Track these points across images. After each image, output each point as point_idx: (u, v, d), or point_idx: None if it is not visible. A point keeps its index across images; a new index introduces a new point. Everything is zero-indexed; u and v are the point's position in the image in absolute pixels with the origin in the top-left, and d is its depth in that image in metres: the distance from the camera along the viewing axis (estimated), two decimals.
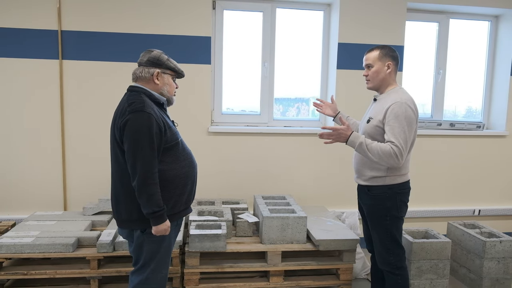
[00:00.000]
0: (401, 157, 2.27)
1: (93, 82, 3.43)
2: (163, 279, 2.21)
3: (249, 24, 3.81)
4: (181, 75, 2.32)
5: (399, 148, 2.26)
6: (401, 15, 3.76)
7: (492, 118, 4.19)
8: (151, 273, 2.15)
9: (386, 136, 2.32)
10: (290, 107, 4.10)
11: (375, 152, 2.30)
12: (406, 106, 2.30)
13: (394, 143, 2.27)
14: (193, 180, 2.26)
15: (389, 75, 2.45)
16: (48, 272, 2.73)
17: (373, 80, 2.47)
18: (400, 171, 2.40)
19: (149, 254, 2.13)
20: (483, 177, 4.08)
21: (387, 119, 2.31)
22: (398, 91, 2.40)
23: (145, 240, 2.11)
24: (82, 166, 3.49)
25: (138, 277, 2.16)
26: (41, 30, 3.32)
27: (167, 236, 2.15)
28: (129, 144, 2.01)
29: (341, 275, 3.00)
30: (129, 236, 2.17)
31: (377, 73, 2.44)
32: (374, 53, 2.45)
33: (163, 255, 2.17)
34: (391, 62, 2.43)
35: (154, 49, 2.26)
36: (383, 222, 2.43)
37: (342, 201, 3.77)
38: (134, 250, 2.16)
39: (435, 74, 4.09)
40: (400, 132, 2.27)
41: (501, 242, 3.16)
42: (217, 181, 3.68)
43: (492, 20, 4.11)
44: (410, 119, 2.29)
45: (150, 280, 2.15)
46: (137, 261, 2.17)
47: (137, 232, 2.11)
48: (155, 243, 2.13)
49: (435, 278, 3.09)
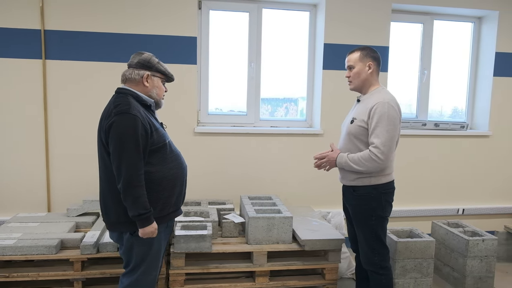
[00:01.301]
0: (382, 155, 2.30)
1: (77, 82, 3.39)
2: (153, 281, 2.21)
3: (235, 25, 3.80)
4: (171, 79, 2.33)
5: (379, 148, 2.30)
6: (386, 16, 3.79)
7: (475, 118, 4.25)
8: (141, 275, 2.14)
9: (369, 137, 2.35)
10: (279, 107, 4.10)
11: (358, 162, 2.36)
12: (389, 106, 2.33)
13: (373, 144, 2.31)
14: (182, 182, 2.26)
15: (370, 75, 2.48)
16: (30, 275, 2.70)
17: (355, 81, 2.51)
18: (385, 171, 2.42)
19: (140, 256, 2.13)
20: (467, 177, 4.13)
21: (370, 119, 2.35)
22: (381, 91, 2.43)
23: (135, 243, 2.10)
24: (66, 167, 3.45)
25: (128, 279, 2.15)
26: (24, 30, 3.27)
27: (157, 238, 2.14)
28: (114, 146, 2.00)
29: (327, 275, 3.02)
30: (119, 239, 2.16)
31: (358, 74, 2.48)
32: (355, 55, 2.48)
33: (153, 257, 2.17)
34: (372, 62, 2.46)
35: (144, 51, 2.25)
36: (369, 222, 2.45)
37: (329, 201, 3.79)
38: (124, 252, 2.15)
39: (419, 75, 4.12)
40: (382, 132, 2.30)
41: (484, 241, 3.20)
42: (203, 181, 3.66)
43: (476, 22, 4.17)
44: (393, 118, 2.33)
45: (140, 282, 2.14)
46: (128, 264, 2.16)
47: (127, 234, 2.11)
48: (145, 245, 2.12)
49: (419, 277, 3.12)
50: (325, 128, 3.76)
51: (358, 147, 2.45)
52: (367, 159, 2.33)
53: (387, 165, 2.37)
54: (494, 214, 4.16)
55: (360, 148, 2.43)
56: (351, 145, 2.48)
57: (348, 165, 2.42)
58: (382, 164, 2.32)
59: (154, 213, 2.08)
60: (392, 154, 2.36)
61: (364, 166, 2.35)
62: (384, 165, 2.34)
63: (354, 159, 2.39)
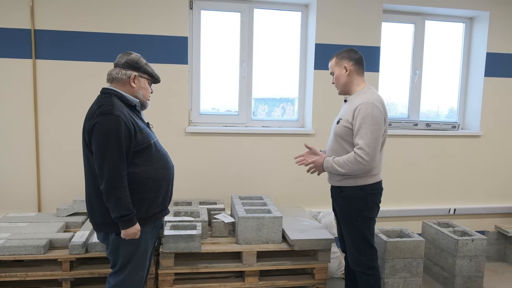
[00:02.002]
0: (367, 156, 2.29)
1: (68, 82, 3.39)
2: (140, 281, 2.20)
3: (226, 25, 3.80)
4: (157, 81, 2.33)
5: (363, 149, 2.29)
6: (377, 16, 3.80)
7: (467, 118, 4.26)
8: (128, 275, 2.14)
9: (354, 138, 2.35)
10: (276, 107, 4.10)
11: (343, 165, 2.36)
12: (373, 106, 2.32)
13: (358, 145, 2.31)
14: (168, 182, 2.25)
15: (350, 76, 2.48)
16: (18, 275, 2.69)
17: (338, 85, 2.54)
18: (371, 172, 2.42)
19: (126, 256, 2.13)
20: (458, 177, 4.14)
21: (355, 120, 2.35)
22: (367, 92, 2.43)
23: (121, 243, 2.10)
24: (57, 167, 3.45)
25: (115, 279, 2.15)
26: (14, 29, 3.27)
27: (144, 238, 2.14)
28: (96, 147, 2.00)
29: (316, 275, 3.02)
30: (105, 239, 2.16)
31: (338, 79, 2.51)
32: (332, 61, 2.53)
33: (140, 257, 2.17)
34: (347, 63, 2.46)
35: (132, 52, 2.25)
36: (355, 222, 2.45)
37: (320, 201, 3.79)
38: (111, 253, 2.15)
39: (411, 75, 4.13)
40: (366, 133, 2.30)
41: (473, 241, 3.21)
42: (194, 181, 3.66)
43: (467, 22, 4.18)
44: (377, 118, 2.32)
45: (126, 282, 2.14)
46: (114, 264, 2.16)
47: (113, 235, 2.11)
48: (132, 246, 2.12)
49: (409, 277, 3.13)
50: (317, 128, 3.77)
51: (344, 147, 2.44)
52: (352, 161, 2.32)
53: (373, 166, 2.36)
54: (485, 214, 4.18)
55: (346, 148, 2.43)
56: (337, 146, 2.48)
57: (334, 169, 2.41)
58: (367, 165, 2.32)
59: (140, 213, 2.07)
60: (377, 154, 2.34)
61: (350, 169, 2.35)
62: (370, 166, 2.33)
63: (340, 162, 2.38)
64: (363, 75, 2.52)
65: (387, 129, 2.48)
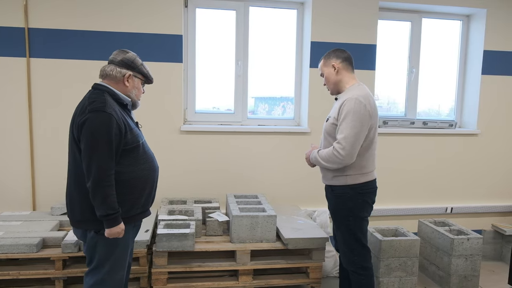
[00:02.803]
0: (343, 151, 2.28)
1: (62, 80, 3.38)
2: (120, 281, 2.18)
3: (222, 23, 3.78)
4: (150, 82, 2.32)
5: (340, 143, 2.29)
6: (373, 14, 3.78)
7: (464, 116, 4.24)
8: (107, 274, 2.11)
9: (336, 132, 2.37)
10: (276, 106, 4.09)
11: (324, 157, 2.39)
12: (357, 101, 2.31)
13: (336, 139, 2.33)
14: (152, 184, 2.23)
15: (338, 75, 2.48)
16: (11, 273, 2.69)
17: (329, 85, 2.55)
18: (361, 170, 2.40)
19: (103, 255, 2.10)
20: (456, 175, 4.12)
21: (339, 116, 2.36)
22: (355, 88, 2.43)
23: (99, 241, 2.08)
24: (51, 165, 3.43)
25: (93, 278, 2.12)
26: (7, 28, 3.26)
27: (123, 238, 2.11)
28: (85, 144, 1.98)
29: (311, 274, 3.01)
30: (83, 236, 2.14)
31: (328, 78, 2.52)
32: (321, 62, 2.55)
33: (119, 256, 2.14)
34: (335, 62, 2.47)
35: (129, 50, 2.23)
36: (346, 222, 2.44)
37: (316, 200, 3.76)
38: (87, 250, 2.13)
39: (408, 73, 4.11)
40: (346, 128, 2.30)
41: (469, 240, 3.20)
42: (190, 180, 3.65)
43: (464, 20, 4.16)
44: (359, 114, 2.30)
45: (106, 281, 2.12)
46: (90, 262, 2.14)
47: (91, 232, 2.08)
48: (110, 245, 2.09)
49: (404, 276, 3.11)
50: (313, 126, 3.75)
51: (331, 144, 2.44)
52: (330, 154, 2.35)
53: (350, 161, 2.32)
54: (482, 213, 4.15)
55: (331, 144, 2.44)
56: (327, 143, 2.50)
57: (317, 160, 2.46)
58: (343, 160, 2.30)
59: (121, 213, 2.05)
60: (355, 150, 2.30)
61: (329, 162, 2.37)
62: (346, 161, 2.31)
63: (322, 155, 2.42)
64: (352, 72, 2.52)
65: (377, 126, 2.45)
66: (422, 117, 4.21)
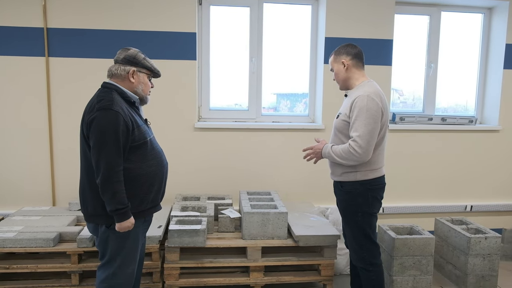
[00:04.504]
0: (360, 149, 2.27)
1: (80, 78, 3.45)
2: (131, 275, 2.22)
3: (236, 20, 3.79)
4: (157, 75, 2.34)
5: (356, 141, 2.28)
6: (389, 9, 3.70)
7: (485, 112, 4.12)
8: (118, 268, 2.17)
9: (349, 130, 2.35)
10: (298, 102, 4.07)
11: (339, 154, 2.37)
12: (369, 98, 2.30)
13: (352, 137, 2.31)
14: (161, 180, 2.27)
15: (349, 71, 2.47)
16: (29, 267, 2.78)
17: (338, 81, 2.55)
18: (371, 166, 2.38)
19: (115, 249, 2.15)
20: (476, 173, 4.01)
21: (351, 113, 2.34)
22: (365, 85, 2.41)
23: (110, 236, 2.13)
24: (70, 161, 3.52)
25: (105, 272, 2.18)
26: (27, 28, 3.35)
27: (133, 232, 2.16)
28: (94, 141, 2.03)
29: (322, 271, 3.00)
30: (95, 231, 2.20)
31: (337, 74, 2.52)
32: (331, 58, 2.55)
33: (129, 250, 2.19)
34: (345, 58, 2.46)
35: (131, 47, 2.27)
36: (355, 218, 2.43)
37: (329, 197, 3.68)
38: (99, 244, 2.18)
39: (426, 68, 4.02)
40: (361, 125, 2.28)
41: (486, 239, 3.11)
42: (204, 177, 3.68)
43: (485, 13, 4.03)
44: (372, 111, 2.29)
45: (117, 275, 2.17)
46: (103, 256, 2.19)
47: (102, 227, 2.14)
48: (121, 239, 2.14)
49: (419, 275, 3.06)
50: (327, 123, 3.72)
51: (342, 141, 2.45)
52: (346, 151, 2.33)
53: (366, 158, 2.32)
54: (504, 211, 4.04)
55: (344, 142, 2.43)
56: (337, 140, 2.49)
57: (330, 156, 2.43)
58: (360, 157, 2.30)
59: (131, 208, 2.10)
60: (371, 147, 2.31)
61: (344, 159, 2.35)
62: (363, 158, 2.30)
63: (336, 151, 2.40)
64: (363, 69, 2.50)
65: (388, 123, 2.44)
66: (449, 113, 4.12)
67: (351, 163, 2.35)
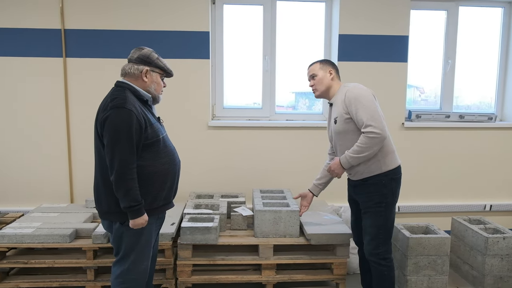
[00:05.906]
0: (377, 129, 2.34)
1: (97, 78, 3.52)
2: (144, 271, 2.27)
3: (249, 18, 3.79)
4: (169, 75, 2.37)
5: (370, 125, 2.35)
6: (405, 4, 3.65)
7: (505, 109, 4.01)
8: (132, 264, 2.21)
9: (357, 123, 2.41)
10: (317, 101, 4.05)
11: (359, 149, 2.41)
12: (356, 88, 2.47)
13: (363, 124, 2.37)
14: (173, 177, 2.30)
15: (332, 80, 2.61)
16: (47, 262, 2.86)
17: (319, 87, 2.62)
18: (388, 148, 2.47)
19: (129, 245, 2.19)
20: (495, 171, 3.91)
21: (349, 109, 2.42)
22: (345, 86, 2.55)
23: (124, 232, 2.17)
24: (87, 160, 3.59)
25: (120, 268, 2.23)
26: (45, 30, 3.44)
27: (147, 229, 2.20)
28: (108, 139, 2.07)
29: (335, 270, 2.98)
30: (109, 227, 2.25)
31: (321, 80, 2.60)
32: (316, 65, 2.65)
33: (143, 247, 2.23)
34: (332, 69, 2.61)
35: (145, 47, 2.31)
36: (378, 209, 2.49)
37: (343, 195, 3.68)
38: (114, 241, 2.23)
39: (443, 64, 3.94)
40: (364, 110, 2.37)
41: (505, 239, 3.03)
42: (218, 175, 3.71)
43: (506, 7, 3.92)
44: (365, 95, 2.43)
45: (131, 271, 2.21)
46: (117, 252, 2.24)
47: (117, 224, 2.18)
48: (135, 236, 2.18)
49: (434, 275, 3.01)
50: None
51: (352, 140, 2.47)
52: (366, 141, 2.37)
53: (386, 135, 2.38)
54: None
55: (354, 139, 2.46)
56: (347, 142, 2.51)
57: (353, 159, 2.45)
58: (381, 136, 2.35)
59: (145, 205, 2.13)
60: (383, 123, 2.38)
61: (368, 149, 2.38)
62: (383, 136, 2.36)
63: (355, 150, 2.42)
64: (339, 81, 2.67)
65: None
66: (472, 110, 4.05)
67: (376, 147, 2.38)
